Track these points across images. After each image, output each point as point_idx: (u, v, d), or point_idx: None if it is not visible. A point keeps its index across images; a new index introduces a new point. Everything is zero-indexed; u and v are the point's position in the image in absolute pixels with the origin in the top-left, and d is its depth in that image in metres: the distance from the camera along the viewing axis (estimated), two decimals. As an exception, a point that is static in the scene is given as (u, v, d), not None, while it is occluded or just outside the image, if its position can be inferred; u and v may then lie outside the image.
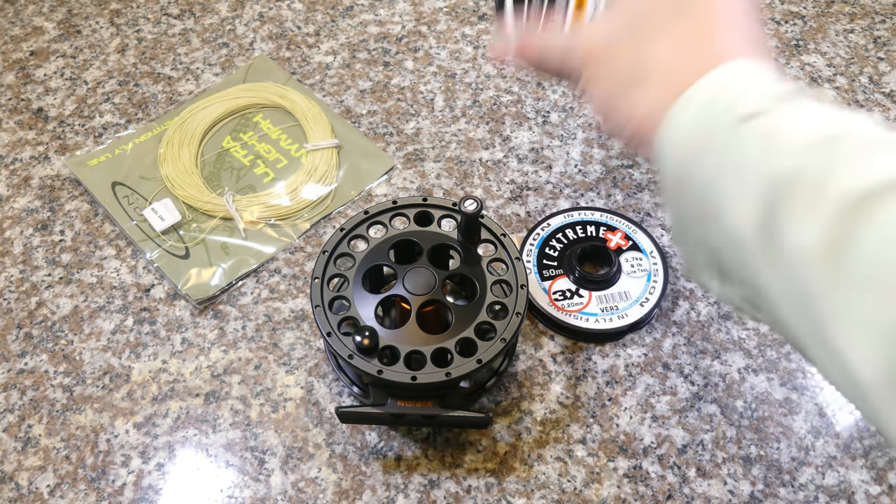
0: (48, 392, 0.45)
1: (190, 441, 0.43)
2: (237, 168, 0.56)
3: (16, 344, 0.48)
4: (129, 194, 0.54)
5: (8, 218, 0.54)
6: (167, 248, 0.51)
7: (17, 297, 0.50)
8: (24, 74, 0.63)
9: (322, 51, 0.64)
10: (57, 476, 0.42)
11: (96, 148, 0.57)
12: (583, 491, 0.41)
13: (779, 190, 0.24)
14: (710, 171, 0.27)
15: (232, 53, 0.64)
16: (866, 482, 0.41)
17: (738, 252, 0.27)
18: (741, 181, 0.26)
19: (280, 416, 0.44)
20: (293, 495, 0.41)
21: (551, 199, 0.54)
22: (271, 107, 0.60)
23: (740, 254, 0.27)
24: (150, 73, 0.63)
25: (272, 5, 0.68)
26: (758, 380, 0.45)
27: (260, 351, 0.47)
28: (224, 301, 0.49)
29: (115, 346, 0.47)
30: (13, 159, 0.57)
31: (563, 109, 0.59)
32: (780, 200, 0.24)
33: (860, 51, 0.63)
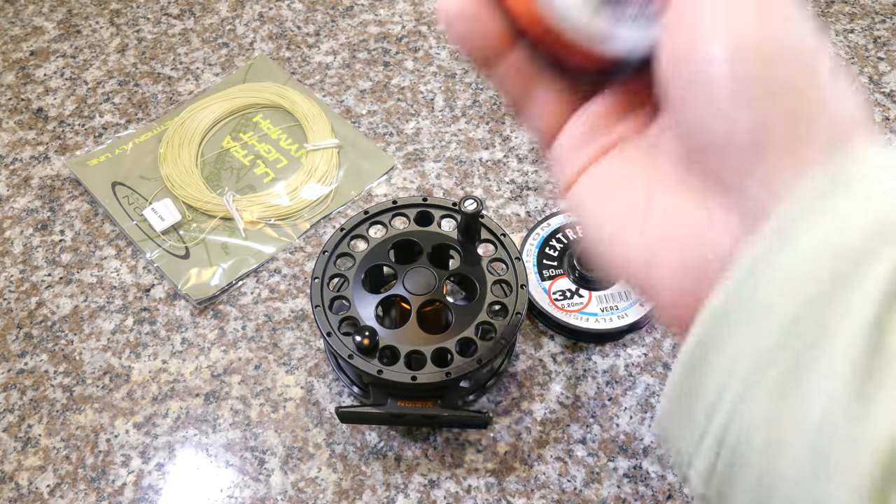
0: (48, 392, 0.45)
1: (190, 441, 0.43)
2: (237, 168, 0.56)
3: (16, 344, 0.48)
4: (129, 194, 0.54)
5: (8, 218, 0.54)
6: (167, 248, 0.51)
7: (17, 297, 0.50)
8: (24, 74, 0.63)
9: (322, 51, 0.64)
10: (57, 476, 0.42)
11: (96, 148, 0.57)
12: (583, 491, 0.41)
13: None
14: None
15: (232, 53, 0.64)
16: (866, 482, 0.41)
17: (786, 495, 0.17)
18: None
19: (280, 416, 0.44)
20: (293, 495, 0.41)
21: (551, 199, 0.54)
22: (271, 107, 0.60)
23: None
24: (150, 73, 0.63)
25: (272, 5, 0.68)
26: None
27: (260, 351, 0.47)
28: (224, 301, 0.49)
29: (115, 346, 0.47)
30: (13, 159, 0.57)
31: (563, 109, 0.59)
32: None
33: (860, 51, 0.63)
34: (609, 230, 0.23)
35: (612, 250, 0.23)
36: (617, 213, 0.23)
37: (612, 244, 0.23)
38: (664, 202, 0.22)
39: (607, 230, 0.23)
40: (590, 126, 0.24)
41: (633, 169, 0.23)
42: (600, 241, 0.24)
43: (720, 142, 0.19)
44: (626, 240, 0.23)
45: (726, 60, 0.19)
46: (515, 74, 0.24)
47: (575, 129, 0.25)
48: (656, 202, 0.22)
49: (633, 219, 0.22)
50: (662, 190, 0.22)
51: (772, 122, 0.19)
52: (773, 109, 0.19)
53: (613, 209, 0.23)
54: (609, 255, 0.23)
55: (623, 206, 0.23)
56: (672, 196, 0.22)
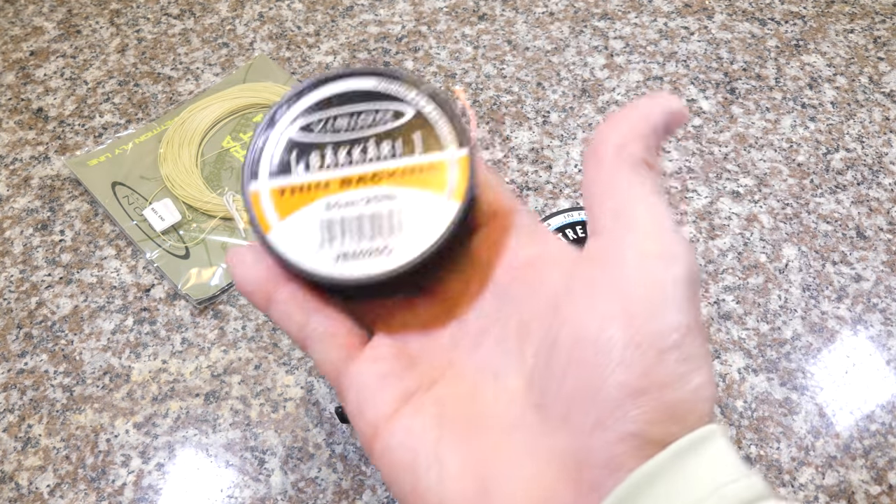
0: (48, 392, 0.45)
1: (190, 441, 0.43)
2: (237, 168, 0.56)
3: (16, 344, 0.48)
4: (129, 194, 0.54)
5: (8, 218, 0.54)
6: (167, 248, 0.51)
7: (17, 297, 0.50)
8: (24, 74, 0.63)
9: (322, 51, 0.64)
10: (57, 476, 0.42)
11: (96, 148, 0.57)
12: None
13: None
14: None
15: (232, 53, 0.64)
16: (866, 482, 0.41)
17: None
18: None
19: (280, 416, 0.44)
20: (293, 495, 0.41)
21: (551, 199, 0.54)
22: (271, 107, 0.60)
23: None
24: (150, 73, 0.63)
25: (272, 5, 0.68)
26: (758, 380, 0.45)
27: (260, 351, 0.47)
28: (224, 301, 0.49)
29: (115, 345, 0.47)
30: (13, 159, 0.58)
31: (563, 109, 0.59)
32: None
33: (860, 51, 0.63)
34: (421, 489, 0.22)
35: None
36: (432, 479, 0.22)
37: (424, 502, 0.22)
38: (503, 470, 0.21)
39: (417, 488, 0.22)
40: (386, 365, 0.24)
41: (446, 429, 0.22)
42: (409, 495, 0.23)
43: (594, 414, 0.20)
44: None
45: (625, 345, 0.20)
46: (293, 307, 0.24)
47: (368, 367, 0.24)
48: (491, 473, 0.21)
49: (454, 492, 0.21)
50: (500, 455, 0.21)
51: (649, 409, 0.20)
52: (654, 399, 0.20)
53: (427, 473, 0.22)
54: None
55: (439, 472, 0.22)
56: (513, 457, 0.21)
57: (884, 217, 0.52)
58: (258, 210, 0.24)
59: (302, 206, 0.24)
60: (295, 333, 0.25)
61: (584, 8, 0.67)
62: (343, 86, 0.26)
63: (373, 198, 0.24)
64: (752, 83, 0.60)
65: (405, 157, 0.25)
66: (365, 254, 0.24)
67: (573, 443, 0.20)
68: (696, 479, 0.19)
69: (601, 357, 0.20)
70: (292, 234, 0.24)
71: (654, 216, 0.22)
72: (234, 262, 0.24)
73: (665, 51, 0.63)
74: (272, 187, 0.25)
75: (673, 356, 0.20)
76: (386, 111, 0.25)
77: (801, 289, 0.48)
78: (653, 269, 0.21)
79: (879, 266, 0.49)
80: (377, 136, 0.25)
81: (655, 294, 0.20)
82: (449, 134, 0.25)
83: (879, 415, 0.43)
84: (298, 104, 0.26)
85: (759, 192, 0.53)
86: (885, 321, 0.47)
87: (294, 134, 0.25)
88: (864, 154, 0.55)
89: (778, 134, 0.57)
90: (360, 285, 0.24)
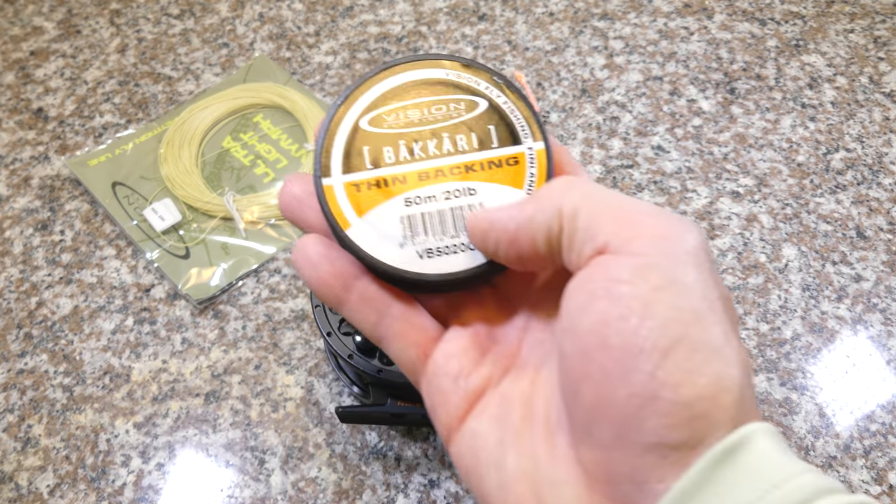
0: (48, 392, 0.45)
1: (190, 441, 0.43)
2: (237, 168, 0.56)
3: (16, 344, 0.48)
4: (130, 194, 0.54)
5: (8, 218, 0.54)
6: (167, 248, 0.51)
7: (17, 297, 0.50)
8: (24, 74, 0.63)
9: (322, 51, 0.64)
10: (57, 476, 0.42)
11: (96, 148, 0.57)
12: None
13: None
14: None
15: (232, 53, 0.64)
16: (866, 482, 0.41)
17: None
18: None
19: (280, 415, 0.44)
20: (293, 495, 0.41)
21: (551, 199, 0.54)
22: (271, 107, 0.60)
23: None
24: (150, 73, 0.63)
25: (272, 5, 0.68)
26: (757, 380, 0.45)
27: (260, 351, 0.47)
28: (224, 301, 0.49)
29: (116, 345, 0.47)
30: (13, 159, 0.57)
31: (564, 109, 0.59)
32: None
33: (860, 51, 0.63)
34: (484, 492, 0.22)
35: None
36: (493, 484, 0.22)
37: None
38: (545, 475, 0.21)
39: (482, 491, 0.22)
40: (457, 363, 0.23)
41: (506, 431, 0.22)
42: (478, 499, 0.23)
43: (624, 421, 0.19)
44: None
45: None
46: (366, 305, 0.24)
47: (441, 366, 0.24)
48: (541, 479, 0.21)
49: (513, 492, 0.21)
50: (542, 464, 0.21)
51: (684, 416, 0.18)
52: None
53: (488, 477, 0.22)
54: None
55: (499, 477, 0.22)
56: (550, 468, 0.21)
57: (884, 217, 0.52)
58: (334, 206, 0.24)
59: (381, 202, 0.24)
60: (369, 331, 0.24)
61: (584, 8, 0.67)
62: (412, 75, 0.25)
63: (453, 192, 0.24)
64: (752, 83, 0.60)
65: (482, 151, 0.24)
66: (449, 249, 0.23)
67: (599, 457, 0.19)
68: (734, 495, 0.17)
69: (605, 369, 0.19)
70: (373, 230, 0.23)
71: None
72: (302, 263, 0.23)
73: (665, 51, 0.63)
74: (347, 182, 0.24)
75: (680, 351, 0.18)
76: (459, 102, 0.25)
77: (801, 289, 0.48)
78: (647, 256, 0.19)
79: (879, 266, 0.49)
80: (451, 129, 0.24)
81: (648, 290, 0.19)
82: (525, 126, 0.25)
83: (879, 415, 0.43)
84: (366, 95, 0.25)
85: (758, 192, 0.53)
86: (885, 321, 0.47)
87: (366, 125, 0.25)
88: (864, 154, 0.55)
89: (778, 134, 0.57)
90: (448, 281, 0.23)
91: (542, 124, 0.25)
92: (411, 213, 0.24)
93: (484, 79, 0.25)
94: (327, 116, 0.25)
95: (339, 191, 0.24)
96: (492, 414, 0.23)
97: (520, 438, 0.22)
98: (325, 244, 0.23)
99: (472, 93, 0.25)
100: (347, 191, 0.24)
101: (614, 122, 0.58)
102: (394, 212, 0.24)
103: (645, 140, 0.57)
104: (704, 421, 0.18)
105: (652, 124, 0.58)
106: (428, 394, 0.24)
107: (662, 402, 0.18)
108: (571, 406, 0.20)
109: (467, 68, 0.25)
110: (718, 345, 0.18)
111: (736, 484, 0.17)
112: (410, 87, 0.25)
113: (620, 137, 0.57)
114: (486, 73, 0.25)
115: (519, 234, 0.22)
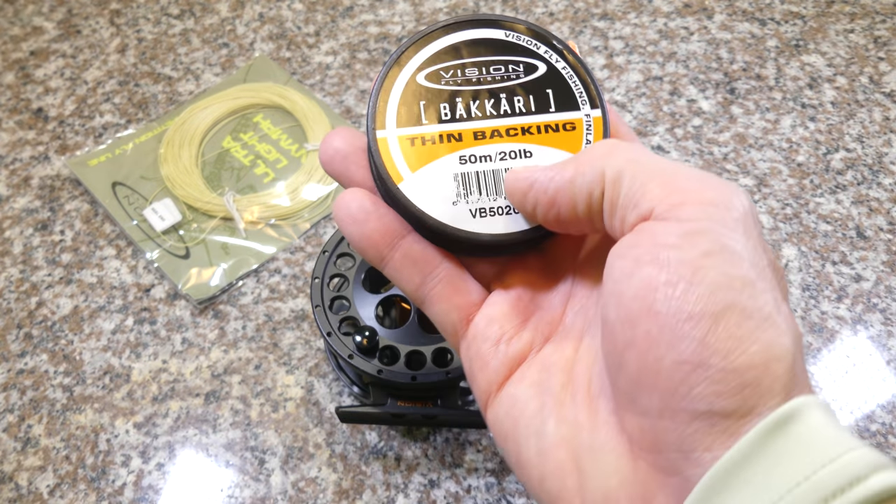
0: (48, 392, 0.45)
1: (190, 441, 0.43)
2: (237, 168, 0.56)
3: (16, 344, 0.48)
4: (130, 194, 0.54)
5: (8, 218, 0.54)
6: (167, 248, 0.51)
7: (17, 297, 0.50)
8: (24, 74, 0.63)
9: (322, 51, 0.64)
10: (57, 476, 0.42)
11: (96, 148, 0.57)
12: (583, 491, 0.41)
13: None
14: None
15: (232, 53, 0.64)
16: (866, 482, 0.41)
17: None
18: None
19: (280, 415, 0.44)
20: (293, 495, 0.41)
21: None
22: (271, 107, 0.60)
23: None
24: (150, 73, 0.63)
25: (272, 5, 0.68)
26: (758, 380, 0.45)
27: (260, 351, 0.47)
28: (224, 301, 0.49)
29: (116, 345, 0.47)
30: (13, 159, 0.57)
31: (563, 109, 0.59)
32: None
33: (860, 51, 0.63)
34: (523, 459, 0.22)
35: (529, 476, 0.22)
36: (532, 450, 0.21)
37: (526, 473, 0.22)
38: (585, 446, 0.20)
39: (520, 458, 0.22)
40: (498, 327, 0.23)
41: (546, 397, 0.22)
42: (515, 466, 0.22)
43: (670, 392, 0.18)
44: (544, 475, 0.21)
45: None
46: (410, 264, 0.24)
47: (482, 330, 0.23)
48: (582, 451, 0.20)
49: (551, 462, 0.21)
50: (582, 434, 0.21)
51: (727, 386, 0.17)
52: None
53: (527, 443, 0.22)
54: (526, 479, 0.22)
55: (538, 444, 0.21)
56: (592, 442, 0.20)
57: (884, 217, 0.52)
58: (388, 158, 0.23)
59: (435, 158, 0.23)
60: (412, 292, 0.24)
61: (584, 8, 0.67)
62: (472, 34, 0.25)
63: (508, 153, 0.23)
64: (752, 83, 0.60)
65: (540, 115, 0.24)
66: (502, 210, 0.23)
67: (644, 425, 0.19)
68: (785, 467, 0.16)
69: (651, 336, 0.18)
70: (425, 186, 0.23)
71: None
72: (346, 219, 0.23)
73: (665, 51, 0.63)
74: (401, 135, 0.23)
75: (731, 318, 0.17)
76: (518, 63, 0.24)
77: (801, 289, 0.48)
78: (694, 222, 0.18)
79: (879, 266, 0.49)
80: (510, 90, 0.24)
81: (697, 255, 0.18)
82: (584, 93, 0.24)
83: (879, 415, 0.43)
84: (425, 50, 0.24)
85: (759, 192, 0.53)
86: (885, 321, 0.47)
87: (423, 80, 0.24)
88: (864, 154, 0.55)
89: (778, 134, 0.57)
90: (499, 243, 0.23)
91: (601, 92, 0.24)
92: (466, 171, 0.23)
93: (544, 43, 0.25)
94: (385, 67, 0.24)
95: (392, 144, 0.23)
96: (532, 380, 0.22)
97: (560, 405, 0.21)
98: (371, 199, 0.23)
99: (532, 55, 0.25)
100: (401, 144, 0.23)
101: (614, 122, 0.58)
102: (448, 169, 0.23)
103: (645, 140, 0.57)
104: (755, 389, 0.17)
105: (652, 124, 0.58)
106: (467, 357, 0.24)
107: (712, 370, 0.17)
108: (615, 374, 0.20)
109: (529, 31, 0.25)
110: (770, 312, 0.18)
111: (789, 456, 0.17)
112: (470, 45, 0.24)
113: (620, 137, 0.57)
114: (546, 37, 0.25)
115: (558, 196, 0.21)
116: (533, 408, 0.22)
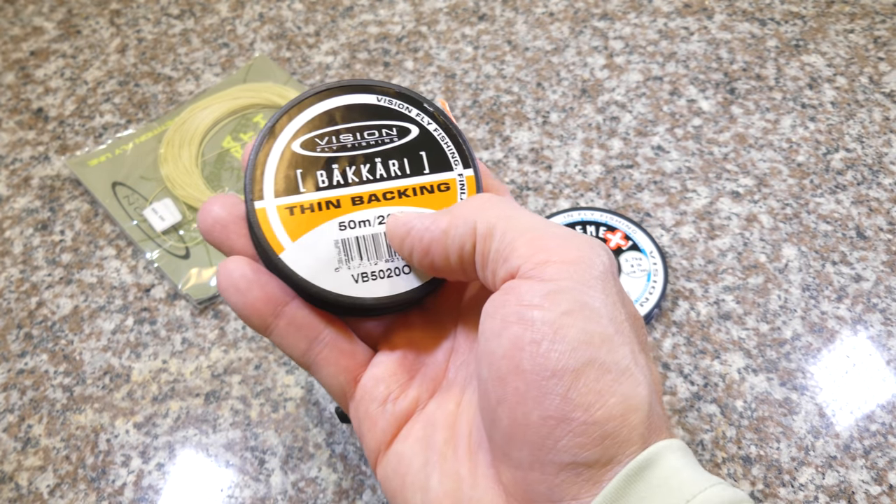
0: (48, 392, 0.45)
1: (190, 441, 0.43)
2: (237, 168, 0.56)
3: (16, 344, 0.48)
4: (130, 194, 0.54)
5: (8, 218, 0.54)
6: (167, 248, 0.51)
7: (17, 297, 0.50)
8: (24, 74, 0.63)
9: (322, 51, 0.64)
10: (57, 476, 0.42)
11: (96, 148, 0.57)
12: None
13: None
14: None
15: (232, 53, 0.64)
16: (866, 482, 0.41)
17: None
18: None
19: (280, 416, 0.44)
20: (293, 495, 0.41)
21: (551, 199, 0.54)
22: (272, 107, 0.60)
23: None
24: (150, 73, 0.63)
25: (272, 5, 0.68)
26: (757, 380, 0.45)
27: (260, 351, 0.47)
28: (224, 301, 0.49)
29: (116, 346, 0.47)
30: (13, 159, 0.58)
31: (563, 110, 0.59)
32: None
33: (860, 51, 0.63)
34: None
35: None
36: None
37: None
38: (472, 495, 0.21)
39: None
40: (385, 387, 0.24)
41: (430, 453, 0.23)
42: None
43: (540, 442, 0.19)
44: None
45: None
46: (295, 330, 0.24)
47: (370, 391, 0.24)
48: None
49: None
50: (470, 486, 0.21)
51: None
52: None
53: (413, 498, 0.22)
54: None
55: (423, 498, 0.22)
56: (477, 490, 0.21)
57: (884, 217, 0.52)
58: (268, 229, 0.23)
59: (315, 226, 0.23)
60: (298, 358, 0.24)
61: (583, 8, 0.67)
62: (344, 100, 0.25)
63: (386, 217, 0.24)
64: (752, 83, 0.60)
65: (415, 177, 0.24)
66: (384, 273, 0.23)
67: (517, 477, 0.20)
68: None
69: (519, 392, 0.19)
70: (307, 254, 0.23)
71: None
72: (228, 288, 0.23)
73: (665, 51, 0.63)
74: (280, 205, 0.23)
75: (590, 373, 0.18)
76: (391, 128, 0.25)
77: (801, 289, 0.48)
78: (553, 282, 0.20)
79: (879, 266, 0.49)
80: (384, 154, 0.25)
81: (559, 314, 0.19)
82: (455, 154, 0.25)
83: (879, 415, 0.43)
84: (298, 118, 0.25)
85: (758, 192, 0.53)
86: (885, 321, 0.47)
87: (297, 149, 0.24)
88: (864, 154, 0.55)
89: (778, 134, 0.57)
90: (382, 305, 0.23)
91: (471, 151, 0.25)
92: (346, 237, 0.23)
93: (416, 106, 0.25)
94: (259, 137, 0.24)
95: (272, 213, 0.23)
96: (417, 436, 0.23)
97: (444, 460, 0.22)
98: (253, 267, 0.23)
99: (404, 119, 0.25)
100: (281, 214, 0.23)
101: (614, 122, 0.58)
102: (329, 235, 0.23)
103: (645, 140, 0.57)
104: (615, 440, 0.18)
105: (652, 124, 0.58)
106: (356, 418, 0.24)
107: (575, 423, 0.18)
108: (490, 428, 0.21)
109: (400, 95, 0.25)
110: (627, 365, 0.19)
111: (650, 499, 0.18)
112: (344, 111, 0.25)
113: (620, 137, 0.57)
114: (418, 100, 0.25)
115: (432, 246, 0.22)
116: (418, 464, 0.22)
